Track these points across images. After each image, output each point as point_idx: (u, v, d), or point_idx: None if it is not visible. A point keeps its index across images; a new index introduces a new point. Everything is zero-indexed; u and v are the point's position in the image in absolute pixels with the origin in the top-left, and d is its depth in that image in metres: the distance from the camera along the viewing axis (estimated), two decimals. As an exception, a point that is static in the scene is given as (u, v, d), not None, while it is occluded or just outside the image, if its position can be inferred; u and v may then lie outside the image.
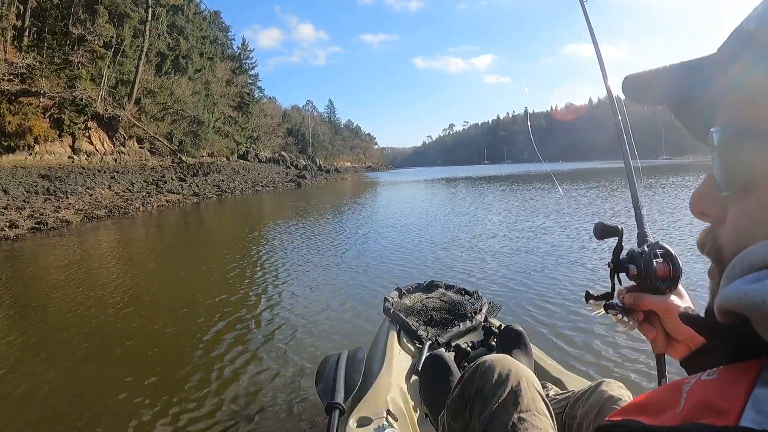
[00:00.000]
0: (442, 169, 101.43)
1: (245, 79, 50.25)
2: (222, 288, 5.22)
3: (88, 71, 28.17)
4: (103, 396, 2.78)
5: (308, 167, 47.94)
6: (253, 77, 54.76)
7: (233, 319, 4.11)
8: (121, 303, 4.65)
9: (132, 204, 14.46)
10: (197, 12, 41.60)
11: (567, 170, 42.61)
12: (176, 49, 36.17)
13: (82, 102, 25.83)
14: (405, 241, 7.77)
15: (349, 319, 3.99)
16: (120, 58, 30.04)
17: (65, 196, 14.56)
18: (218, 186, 22.66)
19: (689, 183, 17.57)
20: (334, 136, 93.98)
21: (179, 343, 3.63)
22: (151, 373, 3.06)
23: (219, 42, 48.78)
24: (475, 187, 24.18)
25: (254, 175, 31.90)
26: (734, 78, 0.33)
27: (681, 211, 9.33)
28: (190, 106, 34.69)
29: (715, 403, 0.29)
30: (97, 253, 7.72)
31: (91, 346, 3.62)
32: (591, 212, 10.56)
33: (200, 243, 9.20)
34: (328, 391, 1.34)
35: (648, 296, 0.71)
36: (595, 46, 1.16)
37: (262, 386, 2.82)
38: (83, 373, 3.13)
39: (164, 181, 20.89)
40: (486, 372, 1.08)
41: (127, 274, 6.12)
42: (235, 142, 43.38)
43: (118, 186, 18.29)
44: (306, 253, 7.09)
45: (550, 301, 4.19)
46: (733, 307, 0.29)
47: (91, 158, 25.19)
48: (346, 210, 14.02)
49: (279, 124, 61.04)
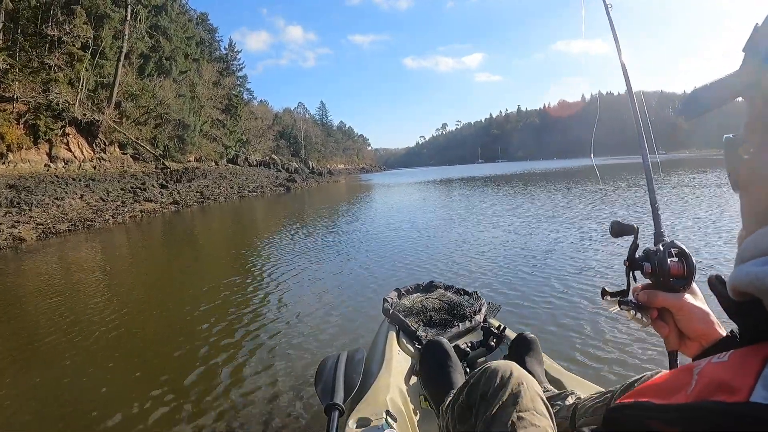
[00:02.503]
0: (436, 169, 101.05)
1: (233, 80, 48.89)
2: (217, 295, 5.11)
3: (66, 74, 26.93)
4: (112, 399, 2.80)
5: (299, 170, 46.61)
6: (241, 79, 53.42)
7: (231, 322, 4.11)
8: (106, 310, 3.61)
9: (101, 215, 13.20)
10: (181, 12, 40.22)
11: (570, 167, 41.55)
12: (159, 51, 34.88)
13: (58, 107, 24.60)
14: (404, 244, 7.62)
15: (348, 320, 3.99)
16: (99, 60, 28.74)
17: (29, 208, 13.30)
18: (201, 192, 21.34)
19: (691, 180, 16.55)
20: (327, 138, 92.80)
21: (177, 347, 3.60)
22: (150, 373, 3.11)
23: (206, 44, 47.49)
24: (470, 188, 23.00)
25: (242, 180, 30.60)
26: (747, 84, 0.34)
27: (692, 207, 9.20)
28: (174, 109, 33.36)
29: (726, 381, 0.30)
30: (28, 287, 6.52)
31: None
32: (591, 212, 10.25)
33: (180, 254, 8.00)
34: (327, 392, 1.32)
35: (662, 294, 0.72)
36: (616, 45, 1.14)
37: (261, 388, 2.82)
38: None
39: (143, 189, 19.60)
40: (490, 377, 1.11)
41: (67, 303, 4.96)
42: (223, 145, 42.10)
43: (91, 195, 17.02)
44: (303, 256, 7.02)
45: (550, 301, 4.15)
46: (745, 288, 0.30)
47: (68, 166, 23.90)
48: (340, 220, 12.82)
49: (269, 126, 59.68)
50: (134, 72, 31.94)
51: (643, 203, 10.40)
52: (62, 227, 11.20)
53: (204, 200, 19.54)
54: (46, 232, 10.58)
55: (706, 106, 0.41)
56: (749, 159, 0.35)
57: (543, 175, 30.65)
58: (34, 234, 10.28)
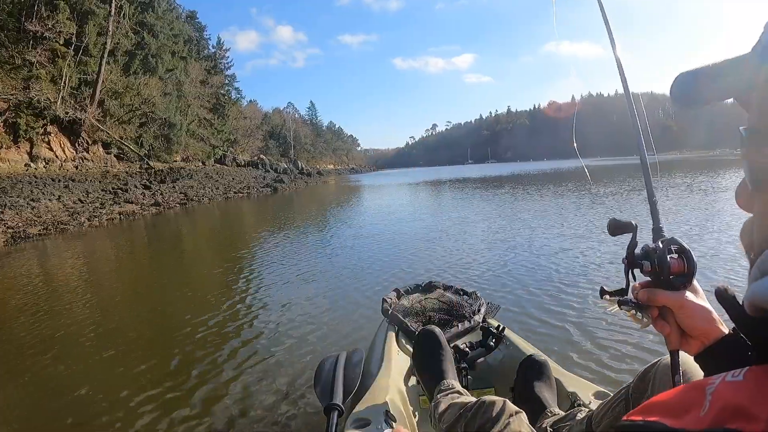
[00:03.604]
0: (426, 170, 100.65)
1: (221, 79, 48.20)
2: (215, 298, 5.06)
3: (48, 72, 26.24)
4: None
5: (288, 170, 46.08)
6: (230, 78, 52.69)
7: (230, 324, 4.07)
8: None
9: (77, 218, 12.71)
10: (168, 9, 39.51)
11: (560, 168, 41.48)
12: (145, 48, 34.19)
13: (40, 104, 23.93)
14: (402, 245, 7.60)
15: (347, 321, 3.96)
16: (83, 57, 28.05)
17: (2, 210, 12.78)
18: (185, 193, 20.81)
19: (685, 181, 16.40)
20: (316, 139, 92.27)
21: (176, 348, 3.56)
22: (148, 374, 3.08)
23: (194, 42, 46.75)
24: (463, 190, 22.72)
25: (228, 181, 30.07)
26: (748, 80, 0.33)
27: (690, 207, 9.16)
28: (160, 107, 32.72)
29: (744, 406, 0.28)
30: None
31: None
32: (590, 212, 10.22)
33: (167, 260, 7.60)
34: (326, 393, 1.31)
35: (662, 292, 0.71)
36: (612, 44, 1.12)
37: (260, 388, 2.81)
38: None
39: (125, 190, 19.08)
40: (485, 411, 1.13)
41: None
42: (211, 145, 41.44)
43: (70, 196, 16.47)
44: (301, 257, 7.07)
45: (550, 301, 4.12)
46: (764, 305, 0.29)
47: (50, 165, 23.24)
48: (331, 222, 12.46)
49: (258, 126, 59.04)
50: (119, 69, 31.23)
51: (639, 203, 10.25)
52: (33, 231, 10.72)
53: (187, 201, 19.02)
54: (15, 236, 10.10)
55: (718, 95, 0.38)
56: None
57: (534, 177, 30.48)
58: (2, 238, 9.80)
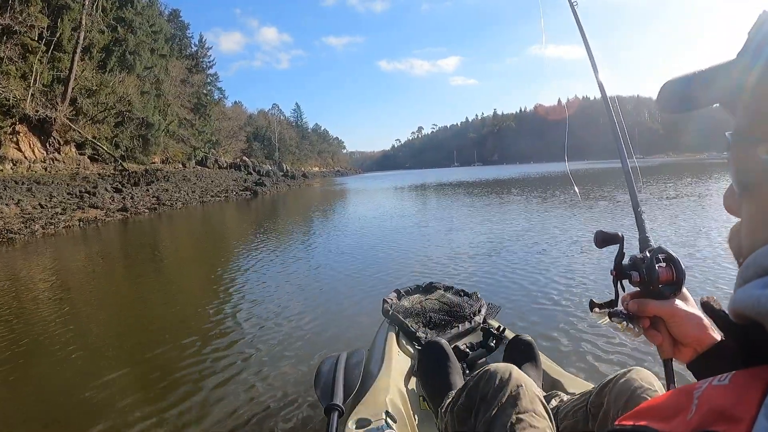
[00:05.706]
0: (412, 172, 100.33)
1: (202, 78, 47.06)
2: (213, 299, 5.07)
3: (19, 67, 25.03)
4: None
5: (271, 173, 44.98)
6: (212, 77, 51.51)
7: (229, 325, 4.07)
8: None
9: (31, 225, 11.71)
10: (148, 5, 38.30)
11: (547, 172, 41.08)
12: (123, 44, 33.01)
13: (8, 102, 22.76)
14: (400, 247, 7.55)
15: (348, 321, 3.96)
16: (56, 53, 26.82)
17: (-51, 216, 11.76)
18: (158, 197, 19.77)
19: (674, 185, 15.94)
20: (302, 141, 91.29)
21: (175, 349, 3.51)
22: (147, 374, 3.07)
23: (177, 39, 45.55)
24: (453, 195, 22.06)
25: (206, 183, 29.00)
26: (737, 83, 0.33)
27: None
28: (138, 106, 31.57)
29: (727, 409, 0.29)
30: None
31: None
32: (589, 212, 10.26)
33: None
34: (327, 393, 1.32)
35: (652, 302, 0.71)
36: (586, 46, 1.11)
37: (260, 389, 2.78)
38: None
39: (93, 193, 18.00)
40: (489, 379, 1.11)
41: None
42: (191, 146, 40.31)
43: (31, 200, 15.39)
44: (300, 257, 7.17)
45: (550, 301, 4.13)
46: (747, 312, 0.29)
47: (17, 167, 22.06)
48: (322, 220, 11.66)
49: (241, 127, 57.86)
50: (95, 66, 30.02)
51: (623, 211, 9.78)
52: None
53: (159, 206, 17.97)
54: (-45, 247, 9.11)
55: (706, 101, 0.38)
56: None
57: (520, 181, 29.97)
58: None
